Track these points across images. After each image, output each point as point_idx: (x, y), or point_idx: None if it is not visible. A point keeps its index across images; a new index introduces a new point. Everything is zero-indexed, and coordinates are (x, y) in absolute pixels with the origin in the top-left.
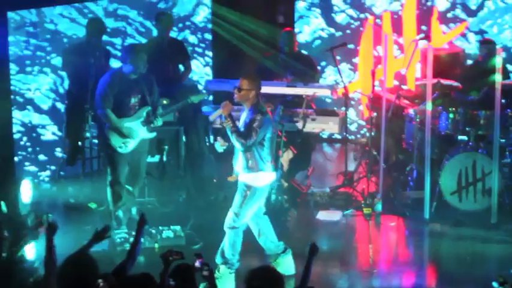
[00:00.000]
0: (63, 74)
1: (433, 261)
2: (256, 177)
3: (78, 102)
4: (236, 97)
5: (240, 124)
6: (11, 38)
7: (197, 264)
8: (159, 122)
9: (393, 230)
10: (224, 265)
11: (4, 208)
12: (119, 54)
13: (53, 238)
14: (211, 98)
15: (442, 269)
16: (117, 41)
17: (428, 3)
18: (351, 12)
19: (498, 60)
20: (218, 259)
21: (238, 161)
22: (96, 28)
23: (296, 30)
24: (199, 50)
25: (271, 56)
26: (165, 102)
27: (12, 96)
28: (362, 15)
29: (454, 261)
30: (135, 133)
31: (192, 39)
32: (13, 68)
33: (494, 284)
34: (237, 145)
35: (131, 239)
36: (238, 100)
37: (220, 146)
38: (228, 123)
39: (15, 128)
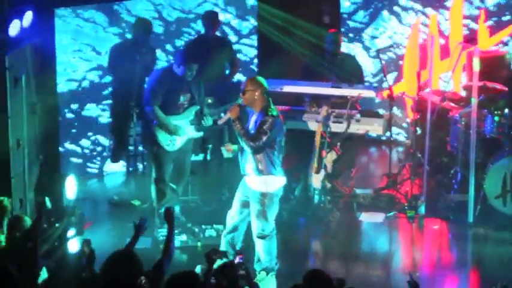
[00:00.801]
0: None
1: (476, 265)
2: (266, 181)
3: (123, 100)
4: (242, 101)
5: (250, 127)
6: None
7: (237, 260)
8: (209, 121)
9: (436, 233)
10: (264, 271)
11: (48, 204)
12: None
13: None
14: None
15: (485, 273)
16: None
17: (476, 5)
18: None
19: None
20: (256, 266)
21: (249, 164)
22: (142, 27)
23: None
24: (245, 49)
25: (317, 56)
26: (209, 101)
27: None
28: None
29: (497, 266)
30: (182, 131)
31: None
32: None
33: None
34: (247, 148)
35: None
36: (245, 104)
37: (226, 151)
38: (237, 126)
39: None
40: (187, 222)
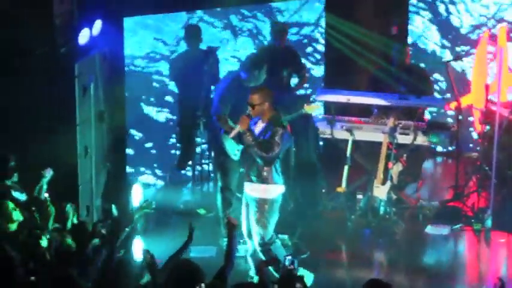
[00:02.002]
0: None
1: None
2: (266, 189)
3: (190, 110)
4: (251, 113)
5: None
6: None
7: (290, 265)
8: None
9: (503, 247)
10: None
11: (115, 211)
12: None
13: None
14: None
15: None
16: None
17: None
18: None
19: None
20: None
21: (252, 171)
22: (194, 34)
23: (409, 41)
24: (313, 60)
25: (384, 68)
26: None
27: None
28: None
29: None
30: None
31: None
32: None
33: None
34: (259, 159)
35: (239, 246)
36: (255, 115)
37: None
38: (248, 137)
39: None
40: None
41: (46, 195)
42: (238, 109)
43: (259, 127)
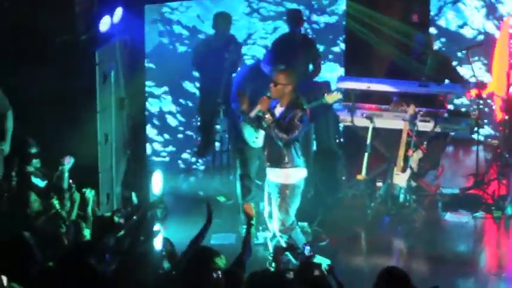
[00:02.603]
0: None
1: None
2: (288, 174)
3: (211, 97)
4: (272, 92)
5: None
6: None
7: (306, 252)
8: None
9: None
10: None
11: (135, 199)
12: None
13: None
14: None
15: None
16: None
17: None
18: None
19: None
20: None
21: (274, 155)
22: (223, 22)
23: (432, 30)
24: (334, 48)
25: (404, 55)
26: None
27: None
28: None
29: None
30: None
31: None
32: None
33: None
34: (278, 139)
35: (258, 234)
36: (275, 96)
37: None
38: (268, 118)
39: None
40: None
41: (70, 181)
42: (255, 99)
43: (278, 111)
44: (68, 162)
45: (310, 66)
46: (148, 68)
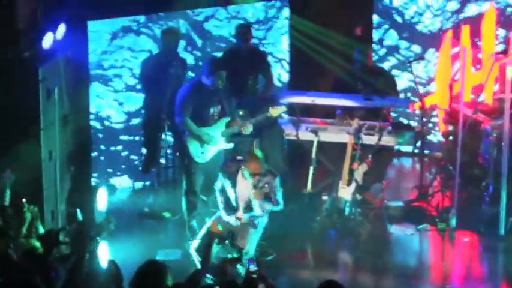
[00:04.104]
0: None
1: (507, 278)
2: None
3: (155, 112)
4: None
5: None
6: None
7: (252, 267)
8: (248, 130)
9: (467, 246)
10: None
11: (79, 215)
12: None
13: None
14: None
15: None
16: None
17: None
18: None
19: None
20: None
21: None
22: (172, 38)
23: (374, 43)
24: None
25: (348, 69)
26: (241, 113)
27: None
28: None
29: None
30: (214, 142)
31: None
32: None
33: None
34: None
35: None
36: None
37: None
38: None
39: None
40: None
41: (24, 200)
42: (198, 113)
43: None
44: (9, 176)
45: (262, 80)
46: None
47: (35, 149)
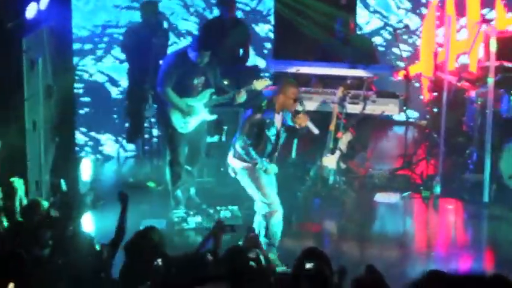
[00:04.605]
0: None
1: (491, 244)
2: None
3: (139, 83)
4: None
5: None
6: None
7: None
8: (242, 98)
9: (451, 213)
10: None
11: (64, 186)
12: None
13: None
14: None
15: (501, 253)
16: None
17: None
18: None
19: None
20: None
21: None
22: (150, 9)
23: (359, 12)
24: (261, 30)
25: (331, 38)
26: (226, 82)
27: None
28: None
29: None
30: (196, 113)
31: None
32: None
33: None
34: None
35: (189, 219)
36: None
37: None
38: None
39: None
40: (202, 203)
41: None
42: (182, 84)
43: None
44: None
45: (241, 51)
46: None
47: (19, 119)
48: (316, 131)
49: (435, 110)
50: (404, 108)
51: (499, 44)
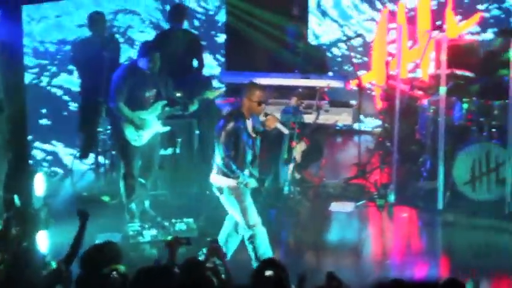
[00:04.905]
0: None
1: (446, 251)
2: None
3: (92, 96)
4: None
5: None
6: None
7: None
8: (194, 106)
9: (406, 221)
10: None
11: (17, 202)
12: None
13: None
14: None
15: (456, 259)
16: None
17: None
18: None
19: None
20: None
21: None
22: (99, 21)
23: (311, 22)
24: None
25: (283, 49)
26: (178, 94)
27: None
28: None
29: (467, 252)
30: (149, 126)
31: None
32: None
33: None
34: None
35: (144, 232)
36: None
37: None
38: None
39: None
40: (157, 216)
41: None
42: (133, 97)
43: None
44: None
45: (194, 62)
46: None
47: None
48: (286, 131)
49: (388, 118)
50: (358, 117)
51: (450, 51)
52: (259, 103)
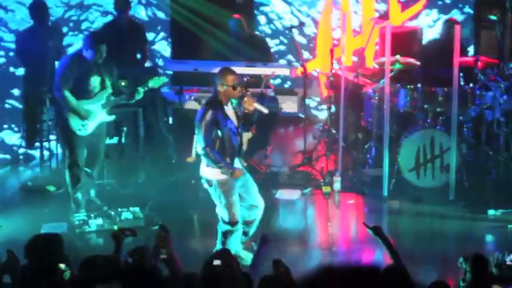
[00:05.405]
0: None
1: (391, 238)
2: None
3: (36, 86)
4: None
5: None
6: None
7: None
8: (140, 94)
9: (352, 208)
10: None
11: None
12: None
13: None
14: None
15: (401, 245)
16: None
17: None
18: None
19: (456, 38)
20: None
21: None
22: (40, 11)
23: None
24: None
25: (225, 39)
26: (123, 83)
27: None
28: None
29: (412, 238)
30: (94, 115)
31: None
32: None
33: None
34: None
35: (90, 221)
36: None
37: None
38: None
39: None
40: (103, 205)
41: None
42: (78, 87)
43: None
44: None
45: (138, 55)
46: None
47: None
48: (265, 110)
49: (333, 106)
50: (304, 104)
51: (394, 39)
52: (234, 87)
